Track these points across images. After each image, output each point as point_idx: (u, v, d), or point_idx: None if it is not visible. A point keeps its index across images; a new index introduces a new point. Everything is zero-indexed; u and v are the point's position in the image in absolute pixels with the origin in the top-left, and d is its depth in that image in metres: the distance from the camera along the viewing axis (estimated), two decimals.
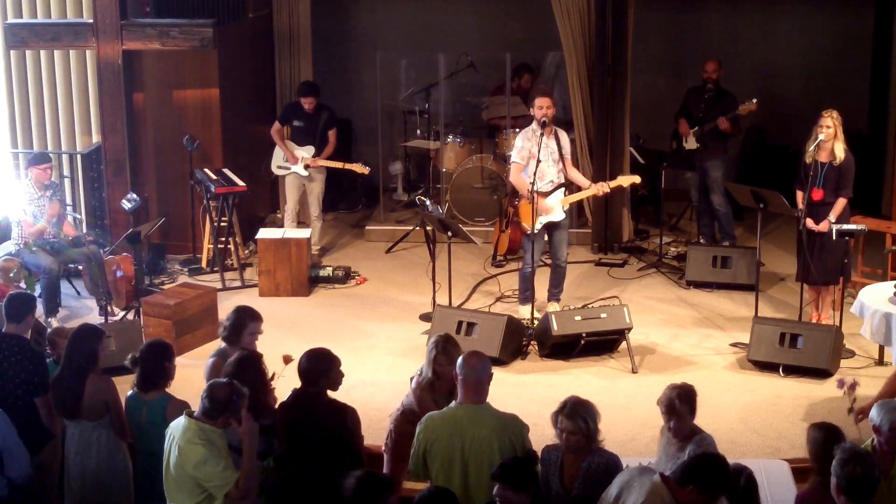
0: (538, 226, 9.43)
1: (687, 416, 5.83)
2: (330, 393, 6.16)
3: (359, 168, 11.18)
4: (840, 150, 8.97)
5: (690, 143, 11.11)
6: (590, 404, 5.64)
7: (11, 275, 9.13)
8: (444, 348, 6.37)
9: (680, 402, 5.80)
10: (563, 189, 9.46)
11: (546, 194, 9.35)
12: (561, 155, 9.42)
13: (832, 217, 8.98)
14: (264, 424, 5.98)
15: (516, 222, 9.63)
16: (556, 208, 9.41)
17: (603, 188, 9.62)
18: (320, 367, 6.05)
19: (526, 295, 9.63)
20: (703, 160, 11.09)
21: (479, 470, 5.59)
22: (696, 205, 11.42)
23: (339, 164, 11.20)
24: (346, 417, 6.05)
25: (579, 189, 9.78)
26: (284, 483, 6.12)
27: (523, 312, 9.61)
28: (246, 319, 6.71)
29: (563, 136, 9.51)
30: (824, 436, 5.44)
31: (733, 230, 11.33)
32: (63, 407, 6.45)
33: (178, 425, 5.63)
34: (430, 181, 12.58)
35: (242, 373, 6.04)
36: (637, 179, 9.82)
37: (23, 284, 9.40)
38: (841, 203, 9.04)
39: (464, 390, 5.73)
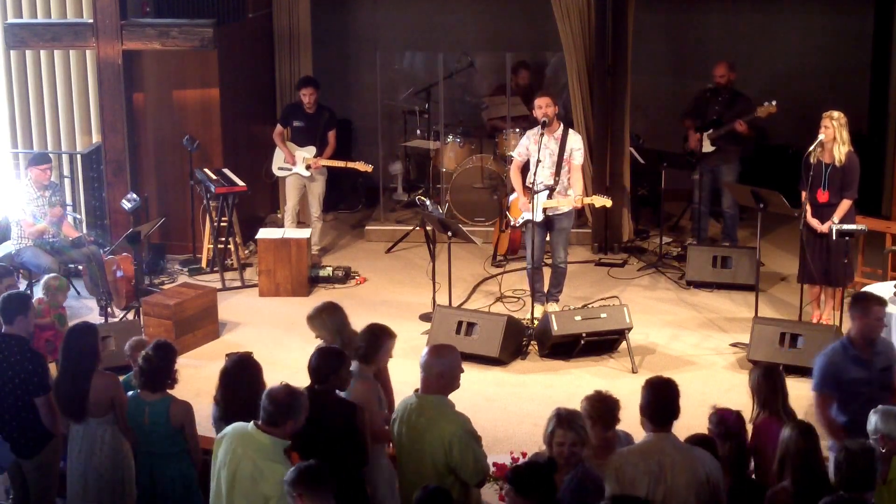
0: (520, 220, 9.57)
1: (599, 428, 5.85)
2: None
3: (362, 166, 11.19)
4: (839, 152, 8.95)
5: (705, 146, 11.07)
6: (578, 412, 5.66)
7: (60, 297, 8.74)
8: None
9: (617, 411, 5.83)
10: (547, 192, 9.39)
11: (532, 193, 9.30)
12: (561, 157, 9.39)
13: (836, 218, 8.96)
14: None
15: (506, 216, 9.86)
16: (536, 209, 9.31)
17: (575, 203, 9.49)
18: (330, 366, 6.06)
19: (532, 293, 9.61)
20: (717, 163, 11.06)
21: (420, 459, 5.70)
22: (697, 207, 11.38)
23: (341, 164, 11.21)
24: (356, 416, 6.06)
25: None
26: None
27: (536, 311, 9.58)
28: (383, 339, 6.49)
29: (573, 140, 9.44)
30: (763, 372, 6.15)
31: (737, 233, 11.33)
32: (69, 408, 6.43)
33: (242, 436, 5.44)
34: (430, 181, 12.58)
35: (242, 372, 6.04)
36: (608, 203, 9.63)
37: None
38: (845, 204, 9.03)
39: (421, 382, 5.88)
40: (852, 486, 5.00)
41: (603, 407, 5.79)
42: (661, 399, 5.44)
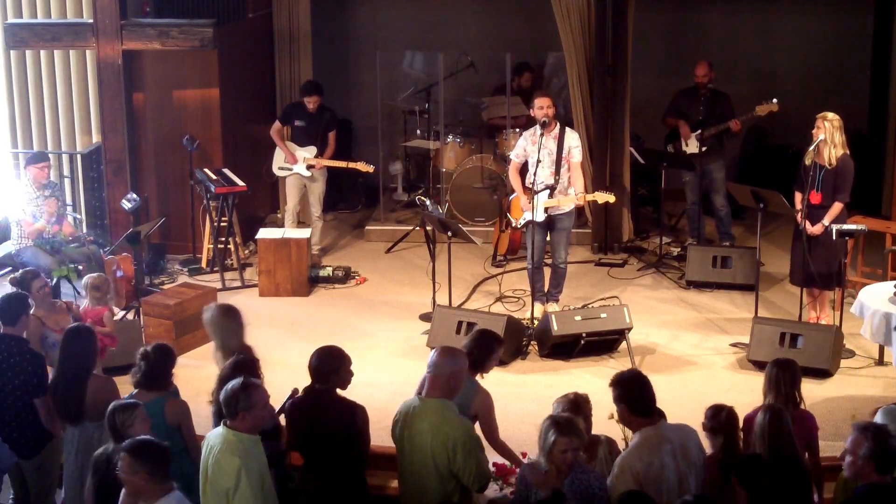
0: (521, 221, 9.57)
1: (584, 425, 5.87)
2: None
3: (363, 167, 11.18)
4: (830, 155, 8.92)
5: (691, 147, 11.05)
6: (571, 416, 5.68)
7: (109, 296, 8.41)
8: None
9: (573, 410, 5.86)
10: (548, 191, 9.36)
11: (532, 193, 9.31)
12: (560, 156, 9.39)
13: (826, 220, 8.95)
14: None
15: (507, 217, 9.89)
16: (537, 208, 9.30)
17: (578, 201, 9.51)
18: (331, 365, 6.07)
19: (532, 293, 9.61)
20: (706, 162, 11.04)
21: (422, 463, 5.70)
22: (691, 207, 11.37)
23: (343, 164, 11.21)
24: (356, 416, 6.06)
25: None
26: (288, 484, 6.13)
27: (536, 311, 9.57)
28: (494, 345, 6.50)
29: (570, 137, 9.42)
30: (781, 363, 6.34)
31: (731, 230, 11.33)
32: (66, 411, 6.44)
33: (215, 435, 5.58)
34: (430, 181, 12.58)
35: (237, 376, 6.03)
36: (612, 199, 9.64)
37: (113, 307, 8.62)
38: (836, 207, 9.00)
39: (426, 383, 5.86)
40: (883, 466, 5.13)
41: (561, 401, 5.91)
42: (642, 390, 5.61)
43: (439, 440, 5.64)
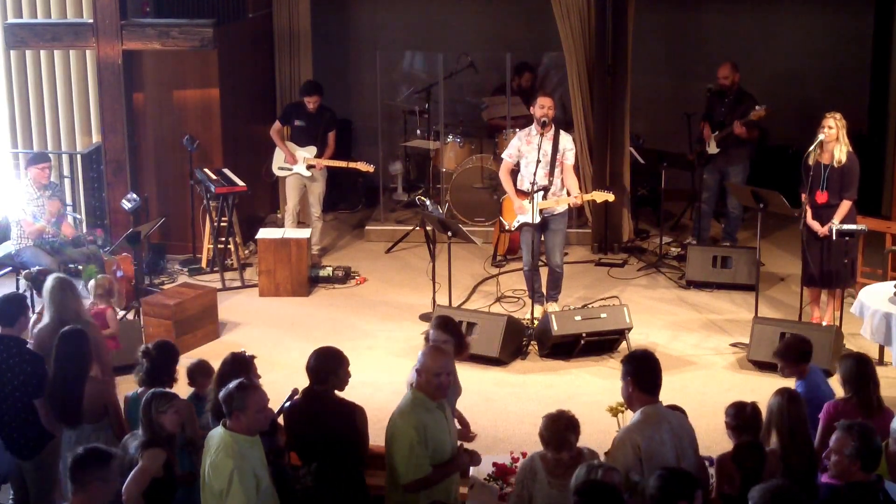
0: (515, 224, 9.55)
1: (575, 445, 5.79)
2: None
3: (363, 166, 11.18)
4: (840, 153, 8.93)
5: (712, 148, 11.05)
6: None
7: (112, 299, 8.36)
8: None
9: (569, 433, 5.74)
10: (542, 193, 9.33)
11: (526, 194, 9.31)
12: (554, 158, 9.38)
13: (836, 220, 8.94)
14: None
15: (499, 219, 9.81)
16: (534, 211, 9.27)
17: (576, 201, 9.51)
18: (329, 366, 6.06)
19: (531, 294, 9.61)
20: (725, 165, 11.05)
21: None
22: (701, 206, 11.37)
23: (343, 164, 11.21)
24: (355, 417, 6.06)
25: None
26: (287, 481, 6.13)
27: (536, 311, 9.56)
28: (447, 326, 6.67)
29: (565, 140, 9.42)
30: (856, 362, 6.24)
31: (737, 234, 11.32)
32: (63, 414, 6.43)
33: (214, 435, 5.57)
34: (430, 181, 12.58)
35: (234, 375, 6.03)
36: (611, 197, 9.57)
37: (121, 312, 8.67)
38: (845, 205, 9.01)
39: None
40: (868, 464, 5.18)
41: (554, 428, 5.73)
42: (652, 368, 5.71)
43: (389, 425, 5.76)
